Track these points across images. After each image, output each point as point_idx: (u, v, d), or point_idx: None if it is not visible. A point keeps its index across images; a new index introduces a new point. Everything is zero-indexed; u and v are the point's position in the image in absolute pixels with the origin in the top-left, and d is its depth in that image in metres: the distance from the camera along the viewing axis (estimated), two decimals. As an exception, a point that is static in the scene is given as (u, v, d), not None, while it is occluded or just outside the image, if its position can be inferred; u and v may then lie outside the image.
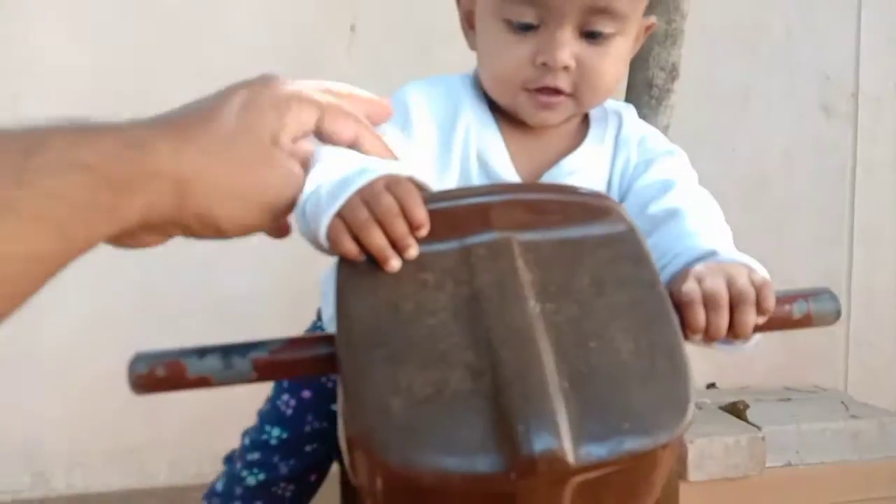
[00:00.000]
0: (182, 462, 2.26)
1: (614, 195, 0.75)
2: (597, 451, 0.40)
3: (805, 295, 0.53)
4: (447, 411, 0.41)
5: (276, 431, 0.83)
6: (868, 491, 2.32)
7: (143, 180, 0.40)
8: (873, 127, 2.72)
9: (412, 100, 0.71)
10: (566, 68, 0.67)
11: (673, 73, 1.86)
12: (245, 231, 0.48)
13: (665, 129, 1.90)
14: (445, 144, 0.71)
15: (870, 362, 2.77)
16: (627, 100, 1.92)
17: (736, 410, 2.35)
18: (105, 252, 0.42)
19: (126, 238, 0.43)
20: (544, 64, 0.67)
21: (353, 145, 0.53)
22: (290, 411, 0.82)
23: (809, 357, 2.72)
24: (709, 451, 2.17)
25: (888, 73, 2.72)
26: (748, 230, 2.75)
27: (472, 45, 0.75)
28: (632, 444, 0.40)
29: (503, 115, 0.74)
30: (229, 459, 0.89)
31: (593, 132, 0.77)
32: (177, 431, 2.22)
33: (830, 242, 2.72)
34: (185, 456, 2.25)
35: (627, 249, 0.48)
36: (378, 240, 0.46)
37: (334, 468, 0.87)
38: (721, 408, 2.41)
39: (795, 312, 0.52)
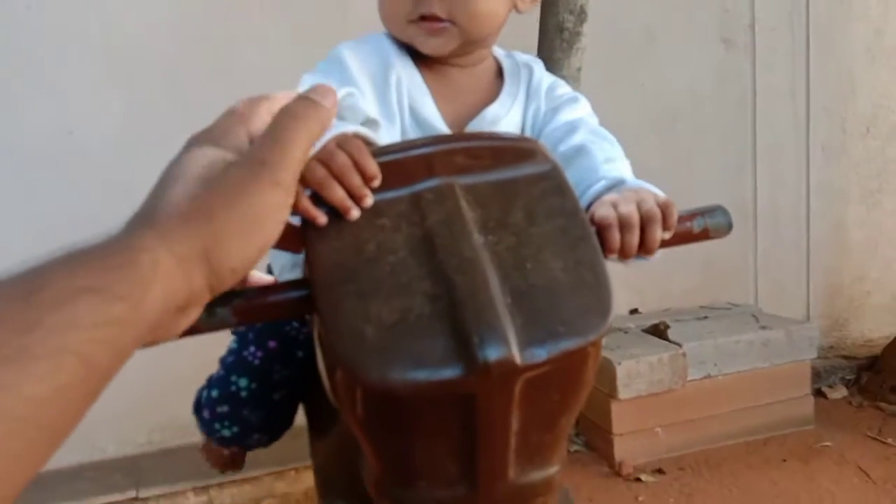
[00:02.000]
0: (131, 434, 2.28)
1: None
2: (539, 352, 0.48)
3: (702, 212, 0.63)
4: (413, 332, 0.48)
5: (243, 382, 0.85)
6: (780, 393, 2.53)
7: (149, 282, 0.40)
8: (770, 56, 2.87)
9: (348, 59, 0.77)
10: None
11: (581, 15, 1.94)
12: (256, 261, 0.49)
13: (578, 71, 1.98)
14: (383, 98, 0.77)
15: (777, 277, 2.97)
16: (540, 43, 1.99)
17: (658, 331, 2.52)
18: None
19: (156, 334, 0.43)
20: (422, 17, 0.76)
21: None
22: (256, 361, 0.85)
23: (723, 277, 2.90)
24: (635, 370, 2.33)
25: (782, 4, 2.86)
26: (661, 161, 2.91)
27: None
28: (566, 343, 0.49)
29: (426, 67, 0.81)
30: (196, 409, 0.93)
31: (508, 84, 0.85)
32: (123, 406, 2.23)
33: (737, 168, 2.88)
34: (133, 427, 2.27)
35: (553, 185, 0.56)
36: (338, 192, 0.52)
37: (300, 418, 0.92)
38: (644, 330, 2.57)
39: (695, 227, 0.62)
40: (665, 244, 0.61)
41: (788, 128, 2.92)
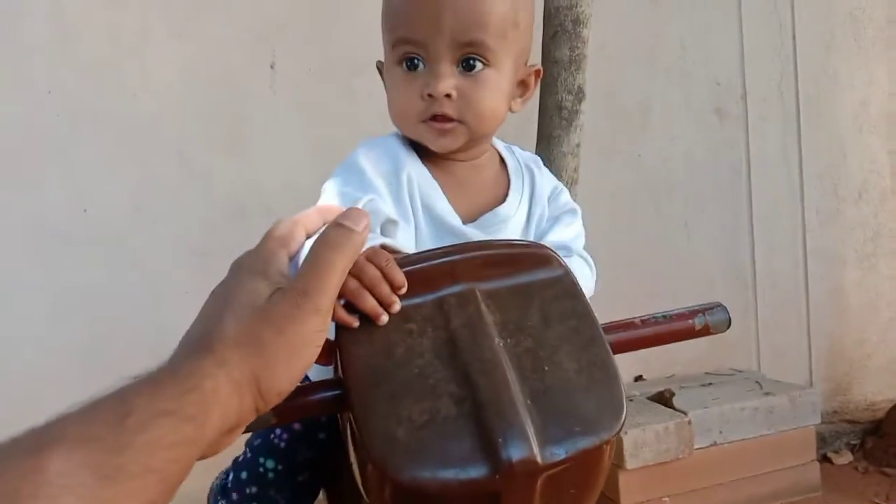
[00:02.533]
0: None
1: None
2: (558, 451, 0.52)
3: (703, 310, 0.67)
4: (440, 433, 0.52)
5: (270, 463, 0.87)
6: (786, 460, 2.53)
7: (211, 405, 0.45)
8: (762, 125, 2.96)
9: (363, 163, 0.81)
10: (448, 96, 0.79)
11: (579, 95, 2.02)
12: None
13: (577, 147, 2.05)
14: (397, 198, 0.81)
15: (778, 342, 3.00)
16: (540, 122, 2.07)
17: (663, 399, 2.53)
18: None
19: (210, 451, 0.47)
20: (430, 95, 0.79)
21: None
22: (282, 444, 0.87)
23: (725, 343, 2.92)
24: (642, 439, 2.34)
25: (771, 75, 2.97)
26: (659, 230, 2.96)
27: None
28: (583, 442, 0.53)
29: (432, 164, 0.85)
30: (223, 492, 0.95)
31: (514, 184, 0.90)
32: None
33: (734, 236, 2.94)
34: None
35: (565, 288, 0.61)
36: (369, 301, 0.58)
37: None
38: (649, 398, 2.58)
39: (696, 324, 0.66)
40: (665, 341, 0.65)
41: (782, 193, 2.99)
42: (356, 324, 0.57)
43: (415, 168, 0.84)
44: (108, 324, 2.20)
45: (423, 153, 0.85)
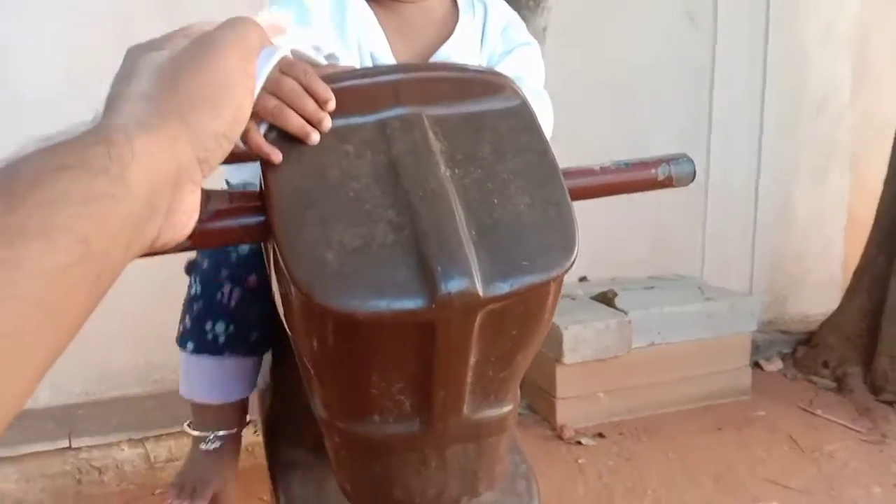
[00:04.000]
0: (66, 384, 2.22)
1: None
2: (501, 285, 0.48)
3: (667, 160, 0.63)
4: (375, 260, 0.47)
5: (220, 327, 0.82)
6: (720, 364, 2.60)
7: (127, 156, 0.39)
8: (730, 31, 2.90)
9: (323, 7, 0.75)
10: None
11: (549, -24, 1.92)
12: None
13: (543, 31, 1.97)
14: (341, 35, 0.76)
15: (723, 251, 3.04)
16: (507, 3, 1.97)
17: (605, 299, 2.55)
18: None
19: (155, 218, 0.41)
20: None
21: None
22: (232, 303, 0.82)
23: (671, 249, 2.95)
24: (582, 335, 2.36)
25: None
26: (618, 125, 2.91)
27: None
28: (530, 278, 0.48)
29: (377, 5, 0.79)
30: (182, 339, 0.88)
31: (462, 21, 0.83)
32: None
33: (691, 142, 2.91)
34: (68, 377, 2.21)
35: (522, 121, 0.55)
36: (294, 120, 0.51)
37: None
38: (592, 297, 2.60)
39: (659, 175, 0.62)
40: (626, 190, 0.61)
41: (743, 102, 2.96)
42: (278, 157, 0.50)
43: (360, 10, 0.78)
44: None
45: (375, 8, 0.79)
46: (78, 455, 2.00)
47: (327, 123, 0.52)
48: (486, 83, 0.57)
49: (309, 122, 0.51)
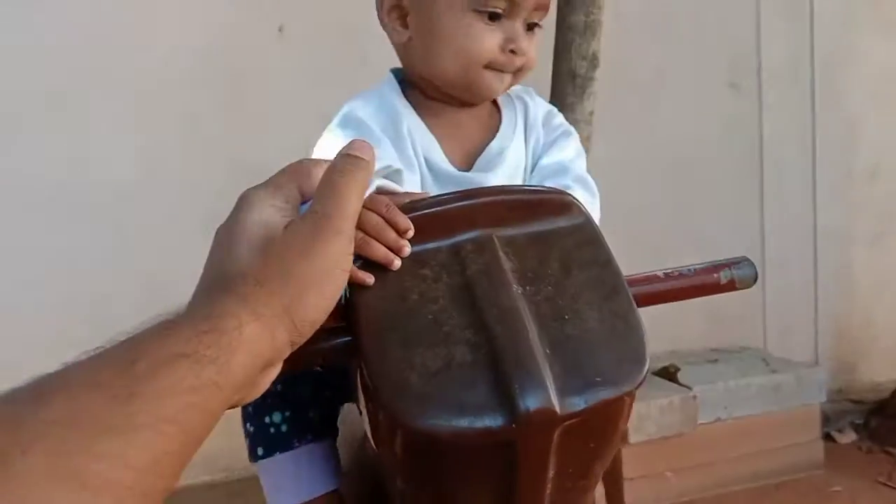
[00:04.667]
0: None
1: (528, 171, 0.88)
2: (577, 402, 0.50)
3: (728, 264, 0.65)
4: (456, 380, 0.50)
5: (277, 417, 0.83)
6: (790, 437, 2.53)
7: (236, 346, 0.42)
8: (776, 99, 2.92)
9: (362, 114, 0.81)
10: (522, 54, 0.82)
11: (594, 62, 1.98)
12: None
13: (590, 115, 2.02)
14: (400, 148, 0.81)
15: (785, 320, 2.98)
16: (553, 89, 2.03)
17: (668, 374, 2.51)
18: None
19: (242, 394, 0.44)
20: (512, 51, 0.81)
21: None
22: (279, 387, 0.82)
23: (732, 319, 2.91)
24: (646, 413, 2.33)
25: (787, 49, 2.92)
26: (670, 204, 2.93)
27: (401, 40, 0.85)
28: (604, 393, 0.51)
29: (426, 111, 0.85)
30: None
31: (506, 116, 0.89)
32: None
33: (745, 212, 2.91)
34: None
35: (586, 236, 0.59)
36: (378, 250, 0.56)
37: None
38: (654, 373, 2.57)
39: (722, 279, 0.64)
40: (690, 295, 0.63)
41: (795, 171, 2.96)
42: (371, 280, 0.55)
43: (411, 118, 0.84)
44: (112, 286, 2.19)
45: (413, 101, 0.86)
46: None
47: (407, 250, 0.56)
48: (552, 203, 0.60)
49: (391, 250, 0.56)
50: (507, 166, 0.85)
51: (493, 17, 0.81)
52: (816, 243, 2.98)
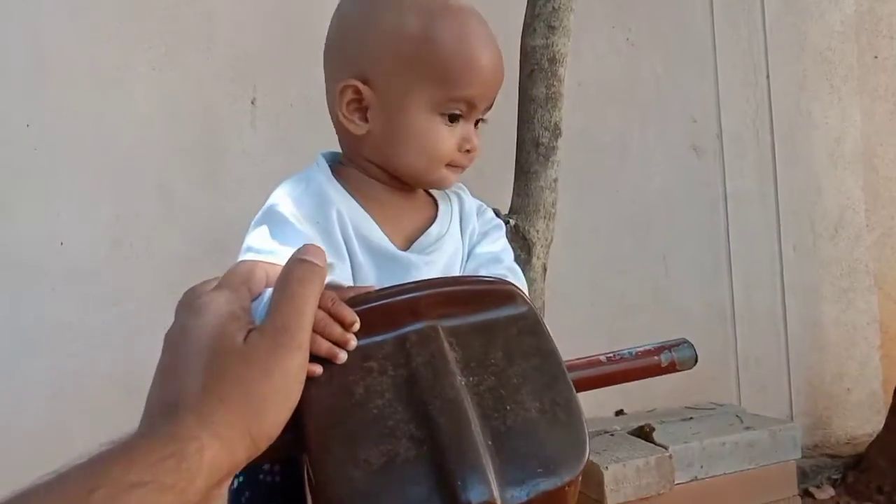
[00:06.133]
0: None
1: (464, 260, 0.91)
2: (518, 494, 0.51)
3: (669, 346, 0.67)
4: (399, 476, 0.51)
5: None
6: (768, 494, 2.52)
7: (196, 470, 0.42)
8: (738, 161, 3.01)
9: (285, 212, 0.81)
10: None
11: (556, 131, 2.03)
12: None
13: (554, 182, 2.06)
14: (328, 237, 0.81)
15: (758, 377, 3.01)
16: (518, 158, 2.08)
17: (644, 433, 2.52)
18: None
19: None
20: (468, 150, 0.86)
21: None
22: (278, 478, 0.82)
23: (706, 378, 2.93)
24: (622, 474, 2.32)
25: (746, 113, 3.02)
26: (638, 265, 2.97)
27: (358, 132, 0.85)
28: (545, 484, 0.51)
29: (362, 196, 0.86)
30: None
31: (443, 207, 0.93)
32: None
33: (712, 271, 2.96)
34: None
35: (529, 326, 0.60)
36: (323, 345, 0.56)
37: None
38: (630, 433, 2.57)
39: (662, 361, 0.66)
40: (631, 378, 0.65)
41: (760, 230, 3.02)
42: (318, 370, 0.56)
43: (343, 202, 0.84)
44: (81, 360, 2.17)
45: (347, 182, 0.87)
46: None
47: (353, 344, 0.57)
48: (497, 293, 0.62)
49: (336, 344, 0.57)
50: (444, 252, 0.87)
51: (453, 118, 0.85)
52: (785, 300, 3.03)
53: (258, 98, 2.42)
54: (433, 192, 0.93)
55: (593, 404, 2.70)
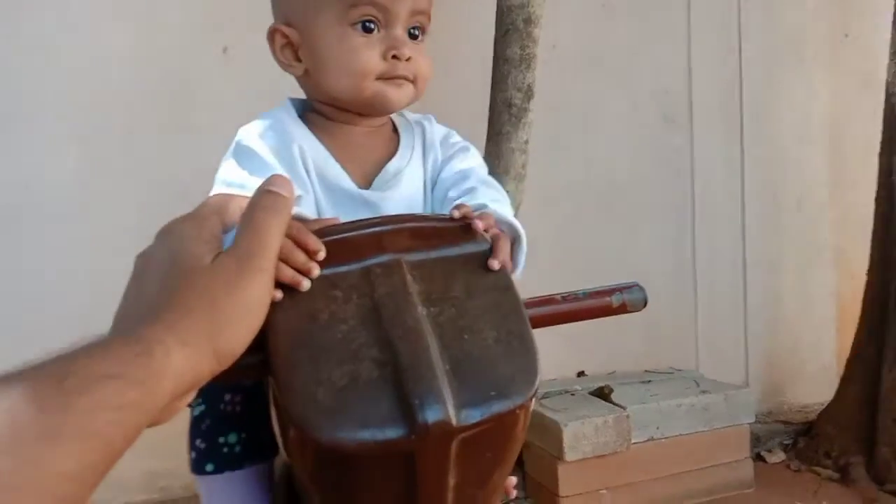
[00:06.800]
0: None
1: (429, 189, 0.91)
2: (472, 414, 0.54)
3: (620, 288, 0.70)
4: (361, 395, 0.53)
5: (232, 438, 0.84)
6: (721, 456, 2.62)
7: (162, 371, 0.44)
8: (707, 133, 3.05)
9: (253, 145, 0.83)
10: (408, 59, 0.84)
11: (528, 93, 2.06)
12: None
13: (525, 143, 2.09)
14: (292, 171, 0.83)
15: (717, 345, 3.09)
16: (490, 119, 2.10)
17: (603, 394, 2.59)
18: None
19: (158, 418, 0.46)
20: (395, 57, 0.83)
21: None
22: (238, 408, 0.85)
23: (666, 342, 3.01)
24: (581, 432, 2.39)
25: (716, 86, 3.06)
26: (605, 230, 3.02)
27: (299, 72, 0.88)
28: (498, 406, 0.54)
29: (324, 133, 0.87)
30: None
31: (404, 139, 0.92)
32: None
33: (677, 239, 3.02)
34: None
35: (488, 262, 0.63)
36: (286, 272, 0.58)
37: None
38: (590, 393, 2.64)
39: (614, 302, 0.69)
40: (584, 317, 0.68)
41: (725, 201, 3.08)
42: (279, 295, 0.58)
43: (305, 139, 0.86)
44: (41, 302, 2.16)
45: (312, 124, 0.88)
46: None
47: (316, 272, 0.59)
48: (458, 230, 0.65)
49: (300, 272, 0.59)
50: (404, 187, 0.87)
51: (368, 29, 0.83)
52: (746, 271, 3.10)
53: (230, 47, 2.40)
54: (398, 125, 0.93)
55: (555, 364, 2.76)
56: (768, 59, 3.10)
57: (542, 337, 0.61)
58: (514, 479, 0.90)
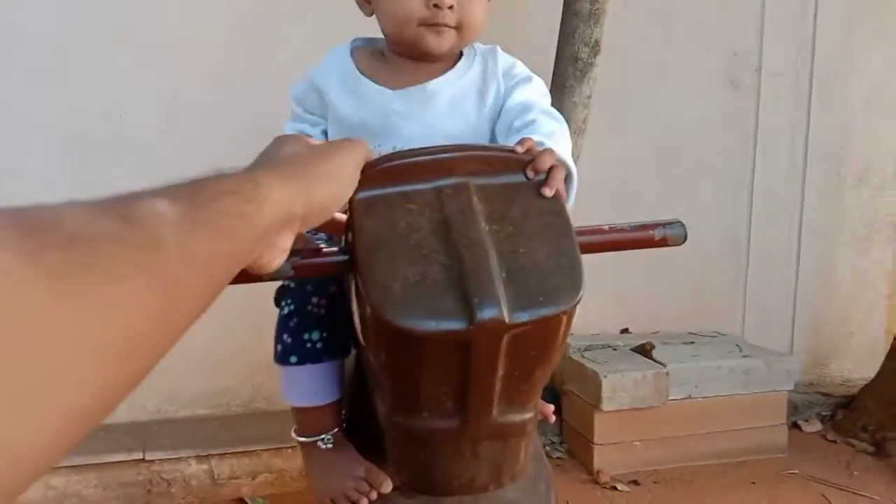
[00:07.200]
0: (141, 401, 2.43)
1: (493, 117, 0.99)
2: (523, 315, 0.63)
3: (663, 224, 0.78)
4: (429, 291, 0.64)
5: (315, 335, 0.96)
6: (756, 420, 2.67)
7: (265, 196, 0.54)
8: (773, 100, 3.03)
9: (297, 91, 1.04)
10: (451, 7, 0.92)
11: (595, 48, 2.10)
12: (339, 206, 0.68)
13: (588, 98, 2.14)
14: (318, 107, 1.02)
15: (764, 311, 3.11)
16: (555, 72, 2.15)
17: (644, 350, 2.66)
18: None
19: (259, 249, 0.56)
20: (435, 5, 0.92)
21: None
22: (323, 310, 0.96)
23: (712, 306, 3.04)
24: (620, 384, 2.47)
25: (788, 51, 3.02)
26: (662, 188, 3.04)
27: (368, 13, 1.00)
28: (544, 311, 0.64)
29: (368, 63, 1.00)
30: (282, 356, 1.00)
31: (459, 66, 1.00)
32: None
33: (733, 203, 3.03)
34: (144, 396, 2.42)
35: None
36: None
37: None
38: (632, 349, 2.72)
39: (656, 235, 0.77)
40: (627, 247, 0.77)
41: (785, 169, 3.07)
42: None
43: (339, 68, 1.01)
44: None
45: (360, 58, 1.02)
46: (150, 467, 2.20)
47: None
48: (520, 161, 0.74)
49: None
50: (435, 108, 0.97)
51: None
52: (801, 239, 3.10)
53: (310, -6, 2.49)
54: (465, 54, 1.01)
55: (600, 319, 2.83)
56: (845, 24, 3.04)
57: (591, 296, 0.69)
58: (552, 406, 1.01)
